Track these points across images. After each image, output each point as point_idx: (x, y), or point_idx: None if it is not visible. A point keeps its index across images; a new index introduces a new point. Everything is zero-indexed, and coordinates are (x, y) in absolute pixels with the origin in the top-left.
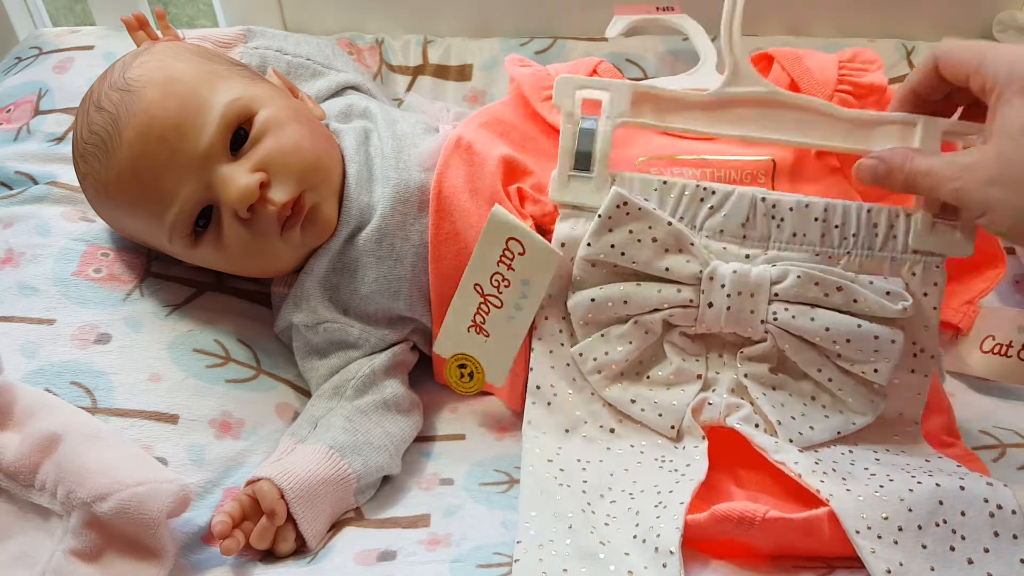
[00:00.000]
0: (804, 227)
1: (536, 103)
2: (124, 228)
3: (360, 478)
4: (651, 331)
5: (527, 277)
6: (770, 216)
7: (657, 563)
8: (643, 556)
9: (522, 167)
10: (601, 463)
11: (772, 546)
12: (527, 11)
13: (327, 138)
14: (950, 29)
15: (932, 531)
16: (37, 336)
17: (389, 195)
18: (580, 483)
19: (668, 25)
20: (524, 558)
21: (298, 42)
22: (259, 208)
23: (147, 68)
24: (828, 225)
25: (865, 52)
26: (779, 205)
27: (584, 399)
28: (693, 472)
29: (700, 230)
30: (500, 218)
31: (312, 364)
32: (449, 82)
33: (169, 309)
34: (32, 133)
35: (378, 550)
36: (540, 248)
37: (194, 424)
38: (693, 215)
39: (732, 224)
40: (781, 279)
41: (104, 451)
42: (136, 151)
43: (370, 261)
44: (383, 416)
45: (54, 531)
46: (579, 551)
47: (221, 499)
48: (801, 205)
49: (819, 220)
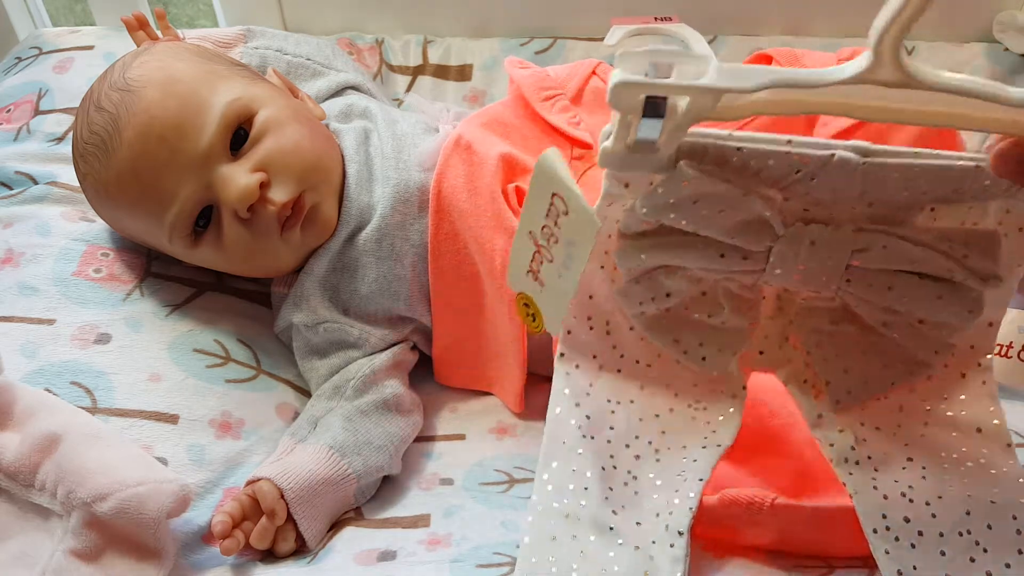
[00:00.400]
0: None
1: (536, 104)
2: (124, 228)
3: (360, 478)
4: (704, 282)
5: (571, 239)
6: (864, 178)
7: (665, 541)
8: (654, 529)
9: (522, 165)
10: (632, 404)
11: (775, 535)
12: (527, 11)
13: (327, 138)
14: (950, 29)
15: (954, 540)
16: (37, 336)
17: (389, 195)
18: (607, 431)
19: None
20: (537, 518)
21: (298, 42)
22: (259, 208)
23: (147, 68)
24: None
25: (864, 50)
26: (882, 168)
27: (622, 333)
28: (722, 435)
29: (785, 199)
30: (547, 168)
31: (312, 364)
32: (449, 82)
33: (169, 309)
34: (32, 133)
35: (378, 550)
36: (582, 213)
37: (194, 424)
38: (779, 181)
39: (822, 190)
40: (864, 248)
41: (104, 451)
42: (136, 151)
43: (370, 261)
44: (383, 416)
45: (54, 531)
46: (592, 519)
47: (221, 499)
48: (910, 168)
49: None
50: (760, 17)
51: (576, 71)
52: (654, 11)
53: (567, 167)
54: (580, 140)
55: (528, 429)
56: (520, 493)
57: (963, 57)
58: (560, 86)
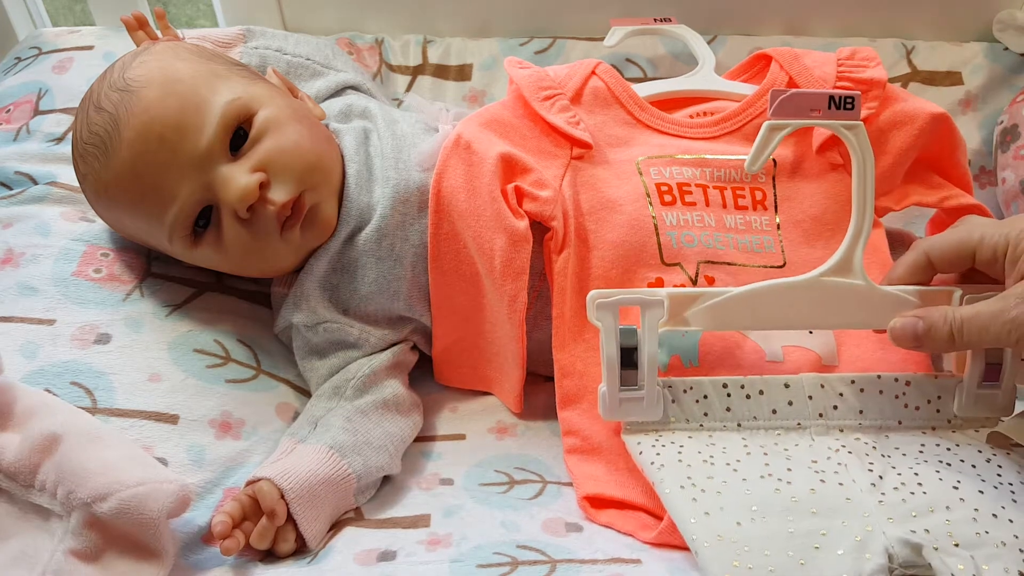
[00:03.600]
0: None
1: (535, 104)
2: (124, 228)
3: (360, 478)
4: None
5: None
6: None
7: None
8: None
9: (521, 164)
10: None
11: None
12: (526, 11)
13: (327, 138)
14: (950, 29)
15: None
16: (37, 336)
17: (389, 195)
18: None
19: (666, 35)
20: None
21: (298, 42)
22: (259, 208)
23: (147, 68)
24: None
25: (863, 50)
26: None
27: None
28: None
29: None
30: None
31: (312, 364)
32: (449, 82)
33: (169, 309)
34: (32, 133)
35: (378, 550)
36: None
37: (194, 424)
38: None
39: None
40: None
41: (104, 451)
42: (136, 151)
43: (370, 261)
44: (383, 416)
45: (54, 531)
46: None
47: (221, 499)
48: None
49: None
50: (760, 17)
51: (575, 71)
52: (654, 11)
53: None
54: (579, 139)
55: (528, 429)
56: (520, 494)
57: (963, 56)
58: (559, 86)
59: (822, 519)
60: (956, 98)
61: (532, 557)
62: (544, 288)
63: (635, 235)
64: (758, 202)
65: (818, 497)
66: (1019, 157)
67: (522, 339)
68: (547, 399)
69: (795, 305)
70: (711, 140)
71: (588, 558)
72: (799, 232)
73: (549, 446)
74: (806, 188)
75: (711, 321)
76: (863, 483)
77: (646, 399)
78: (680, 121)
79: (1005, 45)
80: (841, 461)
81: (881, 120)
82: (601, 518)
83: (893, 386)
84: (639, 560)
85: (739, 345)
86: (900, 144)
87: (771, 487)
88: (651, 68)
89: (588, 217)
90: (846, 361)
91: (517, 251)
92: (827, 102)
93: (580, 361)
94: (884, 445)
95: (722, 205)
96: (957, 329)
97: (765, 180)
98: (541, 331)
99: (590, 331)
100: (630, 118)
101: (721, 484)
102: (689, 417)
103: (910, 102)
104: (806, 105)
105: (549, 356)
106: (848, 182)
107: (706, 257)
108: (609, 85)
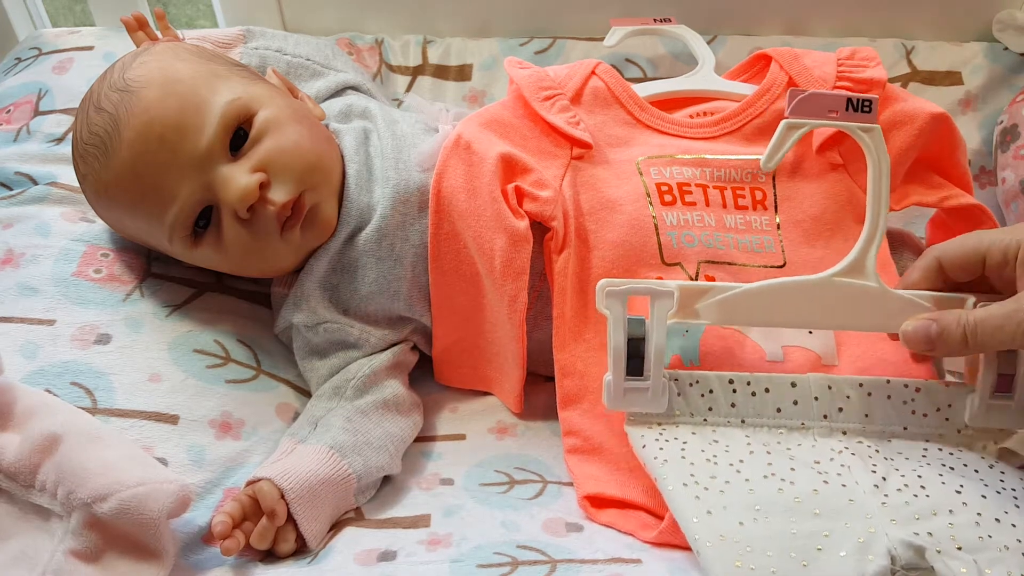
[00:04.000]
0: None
1: (535, 104)
2: (124, 228)
3: (360, 478)
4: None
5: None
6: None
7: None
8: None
9: (522, 164)
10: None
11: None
12: (526, 11)
13: (327, 138)
14: (950, 28)
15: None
16: (37, 336)
17: (389, 195)
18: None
19: (666, 35)
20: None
21: (297, 42)
22: (259, 208)
23: (147, 68)
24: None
25: (863, 50)
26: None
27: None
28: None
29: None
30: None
31: (312, 364)
32: (449, 82)
33: (169, 309)
34: (32, 134)
35: (378, 550)
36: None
37: (194, 424)
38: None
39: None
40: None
41: (104, 451)
42: (136, 151)
43: (370, 261)
44: (383, 416)
45: (54, 532)
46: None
47: (221, 499)
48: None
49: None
50: (760, 17)
51: (575, 71)
52: (654, 11)
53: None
54: (579, 140)
55: (528, 429)
56: (520, 494)
57: (963, 56)
58: (559, 86)
59: (825, 520)
60: (956, 98)
61: (532, 557)
62: (544, 288)
63: (635, 235)
64: (758, 202)
65: (821, 498)
66: (1019, 157)
67: (522, 339)
68: (547, 399)
69: (806, 304)
70: (711, 140)
71: (588, 558)
72: (799, 232)
73: (549, 446)
74: (806, 188)
75: (720, 315)
76: (866, 485)
77: (651, 390)
78: (680, 121)
79: (1005, 45)
80: (844, 462)
81: (881, 120)
82: (602, 518)
83: (902, 391)
84: (639, 560)
85: (739, 344)
86: (900, 144)
87: (774, 487)
88: (651, 68)
89: (588, 217)
90: (846, 361)
91: (517, 251)
92: (845, 104)
93: (581, 361)
94: (887, 449)
95: (722, 205)
96: (971, 331)
97: (765, 180)
98: (541, 331)
99: (591, 331)
100: (630, 118)
101: (724, 483)
102: (694, 411)
103: (910, 102)
104: (824, 106)
105: (549, 356)
106: (848, 182)
107: (706, 257)
108: (609, 85)
